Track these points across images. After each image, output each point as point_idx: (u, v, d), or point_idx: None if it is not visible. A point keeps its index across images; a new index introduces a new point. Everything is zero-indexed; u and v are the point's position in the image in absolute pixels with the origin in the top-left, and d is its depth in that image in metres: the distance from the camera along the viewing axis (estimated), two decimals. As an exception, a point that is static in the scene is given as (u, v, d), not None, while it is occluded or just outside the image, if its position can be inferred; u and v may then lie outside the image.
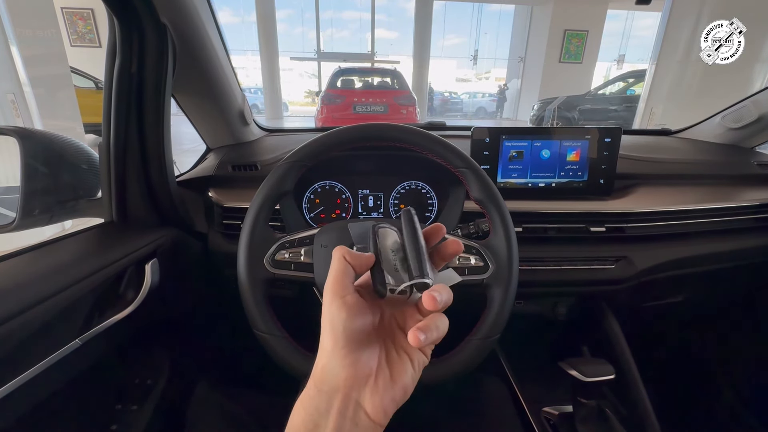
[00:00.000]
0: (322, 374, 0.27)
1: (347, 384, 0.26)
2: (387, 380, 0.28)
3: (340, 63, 7.86)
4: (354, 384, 0.26)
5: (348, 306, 0.28)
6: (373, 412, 0.26)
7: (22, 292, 0.47)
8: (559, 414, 0.84)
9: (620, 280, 0.85)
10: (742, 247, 0.93)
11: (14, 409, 0.47)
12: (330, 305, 0.28)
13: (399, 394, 0.28)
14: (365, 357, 0.27)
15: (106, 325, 0.57)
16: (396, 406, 0.27)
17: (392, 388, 0.27)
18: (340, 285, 0.29)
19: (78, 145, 0.65)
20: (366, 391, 0.27)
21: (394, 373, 0.28)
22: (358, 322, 0.28)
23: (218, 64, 0.76)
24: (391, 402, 0.27)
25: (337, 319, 0.27)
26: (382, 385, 0.27)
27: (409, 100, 5.70)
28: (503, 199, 0.57)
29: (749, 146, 1.07)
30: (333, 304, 0.28)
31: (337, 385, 0.26)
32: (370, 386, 0.27)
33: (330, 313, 0.28)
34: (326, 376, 0.27)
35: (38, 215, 0.58)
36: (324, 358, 0.28)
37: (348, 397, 0.26)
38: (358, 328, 0.28)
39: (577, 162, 0.86)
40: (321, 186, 0.88)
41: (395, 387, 0.28)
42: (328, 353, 0.27)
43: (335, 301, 0.28)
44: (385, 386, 0.27)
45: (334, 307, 0.28)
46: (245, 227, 0.55)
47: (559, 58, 10.45)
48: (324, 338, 0.28)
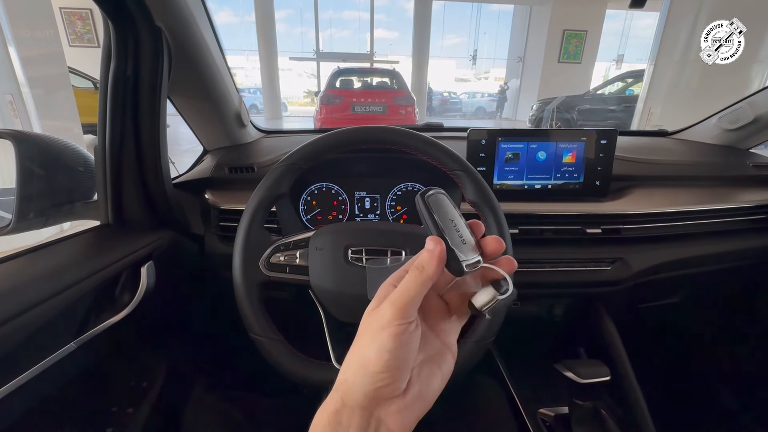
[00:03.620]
0: (350, 388, 0.25)
1: (373, 404, 0.24)
2: (415, 397, 0.26)
3: (339, 63, 7.87)
4: (381, 404, 0.25)
5: (408, 334, 0.25)
6: (397, 429, 0.25)
7: (17, 295, 0.47)
8: (555, 415, 0.85)
9: (616, 282, 0.85)
10: (737, 248, 0.93)
11: (9, 413, 0.47)
12: (386, 327, 0.25)
13: (422, 409, 0.26)
14: (400, 379, 0.25)
15: (101, 328, 0.57)
16: (417, 420, 0.26)
17: (419, 404, 0.26)
18: (411, 306, 0.25)
19: (74, 147, 0.65)
20: (392, 409, 0.25)
21: (423, 388, 0.26)
22: (407, 352, 0.25)
23: (214, 66, 0.76)
24: (415, 419, 0.26)
25: (387, 345, 0.24)
26: (409, 403, 0.25)
27: (408, 100, 5.70)
28: (498, 201, 0.57)
29: (745, 147, 1.07)
30: (389, 328, 0.24)
31: (363, 403, 0.24)
32: (396, 405, 0.25)
33: (381, 336, 0.24)
34: (353, 391, 0.25)
35: (34, 218, 0.58)
36: (353, 372, 0.25)
37: (372, 415, 0.25)
38: (404, 356, 0.25)
39: (573, 164, 0.86)
40: (317, 188, 0.88)
41: (422, 403, 0.26)
42: (362, 369, 0.25)
43: (394, 326, 0.24)
44: (412, 403, 0.25)
45: (392, 330, 0.24)
46: (240, 230, 0.55)
47: (558, 58, 10.45)
48: (359, 351, 0.25)
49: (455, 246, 0.27)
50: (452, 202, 0.29)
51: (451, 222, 0.28)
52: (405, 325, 0.25)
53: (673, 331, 1.20)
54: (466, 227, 0.28)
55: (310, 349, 0.55)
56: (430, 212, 0.28)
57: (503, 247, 0.28)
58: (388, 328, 0.24)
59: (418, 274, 0.26)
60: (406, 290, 0.25)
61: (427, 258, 0.26)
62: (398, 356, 0.24)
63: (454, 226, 0.28)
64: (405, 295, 0.25)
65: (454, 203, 0.29)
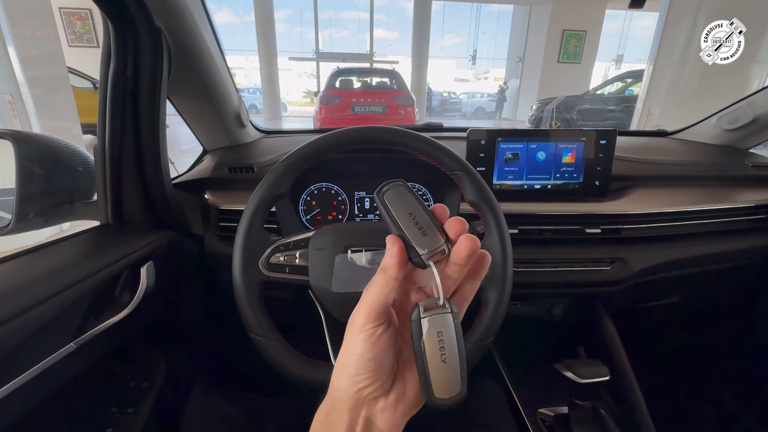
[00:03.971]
0: (336, 391, 0.26)
1: (359, 404, 0.25)
2: (399, 395, 0.26)
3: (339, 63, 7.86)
4: (365, 404, 0.26)
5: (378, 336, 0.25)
6: (386, 427, 0.25)
7: (17, 296, 0.47)
8: (555, 415, 0.85)
9: (616, 282, 0.85)
10: (737, 248, 0.93)
11: (9, 414, 0.47)
12: (359, 330, 0.25)
13: (410, 407, 0.27)
14: (380, 380, 0.26)
15: (101, 329, 0.57)
16: (408, 417, 0.27)
17: (404, 401, 0.26)
18: (380, 309, 0.25)
19: (73, 147, 0.65)
20: (378, 408, 0.26)
21: (408, 386, 0.27)
22: (381, 354, 0.25)
23: (214, 67, 0.76)
24: (402, 416, 0.26)
25: (360, 349, 0.25)
26: (393, 401, 0.26)
27: (407, 100, 5.70)
28: (498, 201, 0.57)
29: (744, 147, 1.07)
30: (361, 333, 0.25)
31: (349, 404, 0.25)
32: (381, 404, 0.26)
33: (355, 340, 0.25)
34: (338, 393, 0.26)
35: (33, 218, 0.58)
36: (337, 375, 0.26)
37: (359, 415, 0.25)
38: (379, 358, 0.25)
39: (573, 164, 0.86)
40: (317, 188, 0.88)
41: (408, 401, 0.26)
42: (343, 373, 0.26)
43: (365, 330, 0.25)
44: (397, 401, 0.26)
45: (363, 334, 0.25)
46: (240, 230, 0.55)
47: (558, 58, 10.45)
48: (341, 355, 0.26)
49: (413, 239, 0.26)
50: (410, 191, 0.28)
51: (409, 215, 0.27)
52: (374, 328, 0.25)
53: (672, 331, 1.20)
54: (427, 215, 0.27)
55: (310, 350, 0.55)
56: (387, 209, 0.27)
57: (466, 227, 0.27)
58: (360, 332, 0.25)
59: (382, 275, 0.26)
60: (372, 293, 0.26)
61: (388, 258, 0.26)
62: (372, 358, 0.25)
63: (412, 219, 0.27)
64: (372, 298, 0.25)
65: (413, 191, 0.28)
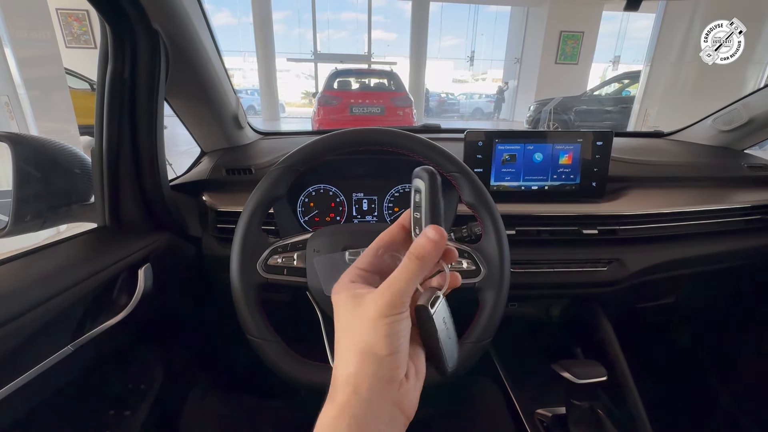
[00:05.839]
0: (361, 378, 0.24)
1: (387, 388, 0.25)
2: (414, 376, 0.26)
3: (337, 64, 7.87)
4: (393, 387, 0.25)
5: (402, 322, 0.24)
6: (408, 409, 0.25)
7: (14, 298, 0.47)
8: (553, 416, 0.85)
9: (613, 282, 0.86)
10: (733, 249, 0.94)
11: (6, 417, 0.47)
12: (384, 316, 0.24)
13: (421, 383, 0.27)
14: (405, 361, 0.25)
15: (98, 331, 0.57)
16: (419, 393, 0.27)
17: (419, 381, 0.26)
18: (407, 297, 0.24)
19: (71, 149, 0.65)
20: (402, 391, 0.25)
21: (417, 365, 0.27)
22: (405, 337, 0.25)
23: (211, 68, 0.76)
24: (418, 397, 0.26)
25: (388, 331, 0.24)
26: (413, 382, 0.26)
27: (405, 101, 5.71)
28: (495, 203, 0.57)
29: (740, 148, 1.08)
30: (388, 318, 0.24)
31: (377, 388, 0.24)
32: (404, 386, 0.25)
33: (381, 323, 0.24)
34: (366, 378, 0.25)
35: (30, 221, 0.58)
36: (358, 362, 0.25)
37: (386, 399, 0.25)
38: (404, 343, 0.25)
39: (570, 165, 0.87)
40: (315, 189, 0.88)
41: (420, 380, 0.27)
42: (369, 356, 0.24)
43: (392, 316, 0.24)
44: (415, 382, 0.26)
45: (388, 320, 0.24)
46: (238, 232, 0.55)
47: (555, 59, 10.51)
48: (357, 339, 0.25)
49: None
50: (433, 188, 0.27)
51: None
52: (399, 314, 0.24)
53: (669, 331, 1.21)
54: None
55: (308, 351, 0.55)
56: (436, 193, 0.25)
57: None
58: (387, 317, 0.24)
59: (419, 263, 0.24)
60: (405, 280, 0.24)
61: (431, 248, 0.24)
62: (400, 341, 0.24)
63: None
64: (403, 285, 0.24)
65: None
